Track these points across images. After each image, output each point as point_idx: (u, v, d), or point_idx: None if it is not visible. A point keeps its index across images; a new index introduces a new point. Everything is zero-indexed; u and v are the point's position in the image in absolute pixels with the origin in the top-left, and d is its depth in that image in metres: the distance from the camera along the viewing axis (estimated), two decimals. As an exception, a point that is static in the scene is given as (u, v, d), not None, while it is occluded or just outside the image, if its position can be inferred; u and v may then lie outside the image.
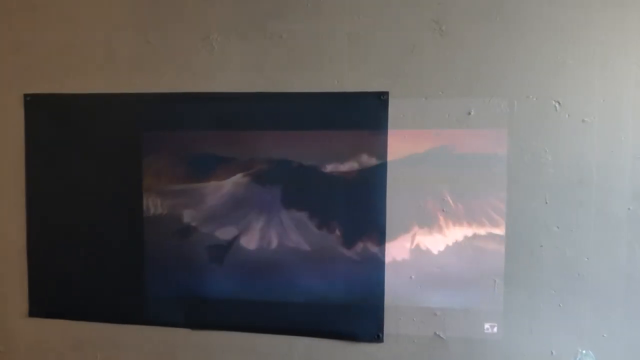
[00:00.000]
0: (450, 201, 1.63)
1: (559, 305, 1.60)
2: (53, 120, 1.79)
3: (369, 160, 1.65)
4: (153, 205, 1.76)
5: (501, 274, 1.61)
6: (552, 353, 1.60)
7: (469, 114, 1.61)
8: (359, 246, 1.66)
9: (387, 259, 1.65)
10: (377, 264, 1.66)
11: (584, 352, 1.59)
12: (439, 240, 1.64)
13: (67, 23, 1.78)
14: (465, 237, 1.62)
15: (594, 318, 1.58)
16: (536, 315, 1.61)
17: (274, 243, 1.70)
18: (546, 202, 1.59)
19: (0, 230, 1.85)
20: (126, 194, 1.77)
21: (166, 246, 1.75)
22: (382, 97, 1.64)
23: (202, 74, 1.71)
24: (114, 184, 1.78)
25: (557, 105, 1.57)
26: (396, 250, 1.65)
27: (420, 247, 1.64)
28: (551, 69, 1.56)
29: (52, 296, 1.84)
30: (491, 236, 1.61)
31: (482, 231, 1.61)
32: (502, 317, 1.62)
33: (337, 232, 1.67)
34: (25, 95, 1.80)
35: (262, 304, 1.72)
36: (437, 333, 1.65)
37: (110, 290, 1.80)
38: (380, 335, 1.67)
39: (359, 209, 1.66)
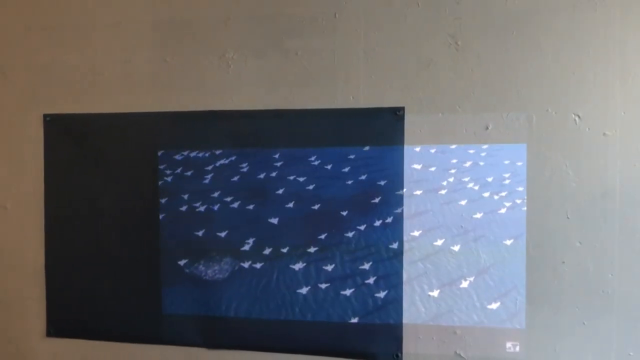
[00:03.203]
0: (469, 217, 1.60)
1: (584, 323, 1.56)
2: (72, 140, 1.81)
3: (385, 176, 1.64)
4: (170, 224, 1.76)
5: (523, 292, 1.58)
6: (577, 373, 1.57)
7: (487, 128, 1.59)
8: (376, 264, 1.64)
9: (405, 275, 1.63)
10: (395, 281, 1.63)
11: (610, 371, 1.55)
12: (458, 257, 1.61)
13: (85, 44, 1.80)
14: (485, 254, 1.59)
15: (620, 336, 1.54)
16: (560, 334, 1.57)
17: (289, 260, 1.69)
18: (568, 217, 1.56)
19: (18, 250, 1.86)
20: (143, 212, 1.78)
21: (183, 265, 1.75)
22: (398, 113, 1.63)
23: (219, 92, 1.72)
24: (131, 203, 1.78)
25: (577, 118, 1.54)
26: (414, 266, 1.63)
27: (439, 264, 1.62)
28: (570, 82, 1.54)
29: (70, 316, 1.84)
30: (512, 253, 1.58)
31: (502, 247, 1.59)
32: (525, 336, 1.58)
33: (353, 249, 1.66)
34: (45, 116, 1.82)
35: (279, 323, 1.70)
36: (458, 352, 1.62)
37: (127, 309, 1.79)
38: (399, 354, 1.64)
39: (375, 225, 1.65)
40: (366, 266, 1.65)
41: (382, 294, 1.64)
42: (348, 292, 1.66)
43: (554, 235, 1.56)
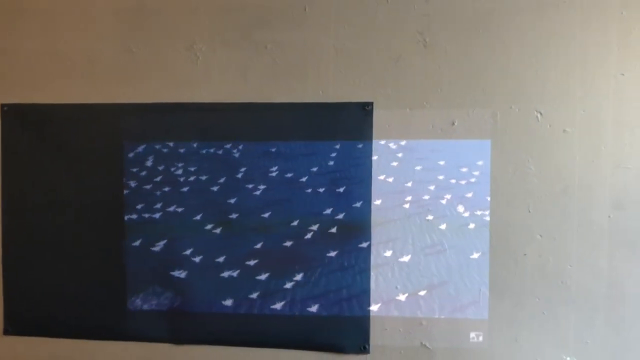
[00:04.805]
0: (435, 210, 1.63)
1: (543, 313, 1.62)
2: (31, 131, 1.74)
3: (353, 170, 1.65)
4: (134, 218, 1.72)
5: (486, 283, 1.62)
6: (536, 361, 1.63)
7: (453, 124, 1.63)
8: (344, 257, 1.66)
9: (373, 269, 1.65)
10: (363, 275, 1.65)
11: (568, 359, 1.61)
12: (424, 249, 1.64)
13: (46, 30, 1.74)
14: (450, 246, 1.63)
15: (577, 325, 1.61)
16: (521, 324, 1.62)
17: (258, 254, 1.68)
18: (529, 211, 1.61)
19: (-26, 245, 1.79)
20: (106, 206, 1.73)
21: (148, 259, 1.72)
22: (366, 108, 1.65)
23: (186, 83, 1.69)
24: (94, 196, 1.73)
25: (539, 115, 1.60)
26: (381, 260, 1.65)
27: (405, 257, 1.64)
28: (533, 80, 1.60)
29: (28, 313, 1.77)
30: (476, 245, 1.62)
31: (466, 240, 1.63)
32: (488, 326, 1.63)
33: (321, 243, 1.66)
34: (2, 105, 1.75)
35: (246, 317, 1.69)
36: (424, 343, 1.65)
37: (90, 305, 1.74)
38: (367, 346, 1.66)
39: (343, 219, 1.66)
40: (334, 258, 1.67)
41: (349, 287, 1.66)
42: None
43: (516, 229, 1.61)
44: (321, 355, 1.68)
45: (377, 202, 1.65)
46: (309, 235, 1.67)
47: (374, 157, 1.65)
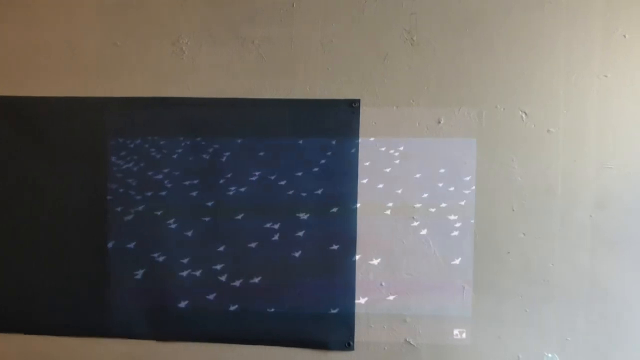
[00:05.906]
0: (421, 209, 1.64)
1: (526, 311, 1.63)
2: (13, 125, 1.71)
3: (340, 168, 1.65)
4: (118, 212, 1.70)
5: (470, 281, 1.64)
6: (519, 358, 1.64)
7: (439, 123, 1.63)
8: (330, 255, 1.66)
9: (358, 267, 1.65)
10: (348, 273, 1.65)
11: (550, 356, 1.63)
12: (409, 248, 1.65)
13: (30, 23, 1.71)
14: (435, 245, 1.64)
15: (559, 323, 1.63)
16: (504, 321, 1.64)
17: (243, 254, 1.67)
18: (513, 210, 1.62)
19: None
20: (90, 201, 1.71)
21: (131, 255, 1.70)
22: (354, 105, 1.65)
23: (172, 78, 1.68)
24: (76, 191, 1.71)
25: (524, 115, 1.61)
26: (367, 258, 1.65)
27: (391, 255, 1.65)
28: (519, 81, 1.61)
29: (7, 309, 1.74)
30: (460, 243, 1.63)
31: (451, 238, 1.64)
32: (471, 323, 1.65)
33: (307, 241, 1.66)
34: (-17, 98, 1.72)
35: (230, 314, 1.68)
36: (408, 340, 1.66)
37: (71, 301, 1.72)
38: (352, 343, 1.66)
39: (329, 218, 1.66)
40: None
41: (335, 284, 1.66)
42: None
43: (500, 227, 1.63)
44: (306, 352, 1.68)
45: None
46: (295, 235, 1.67)
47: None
